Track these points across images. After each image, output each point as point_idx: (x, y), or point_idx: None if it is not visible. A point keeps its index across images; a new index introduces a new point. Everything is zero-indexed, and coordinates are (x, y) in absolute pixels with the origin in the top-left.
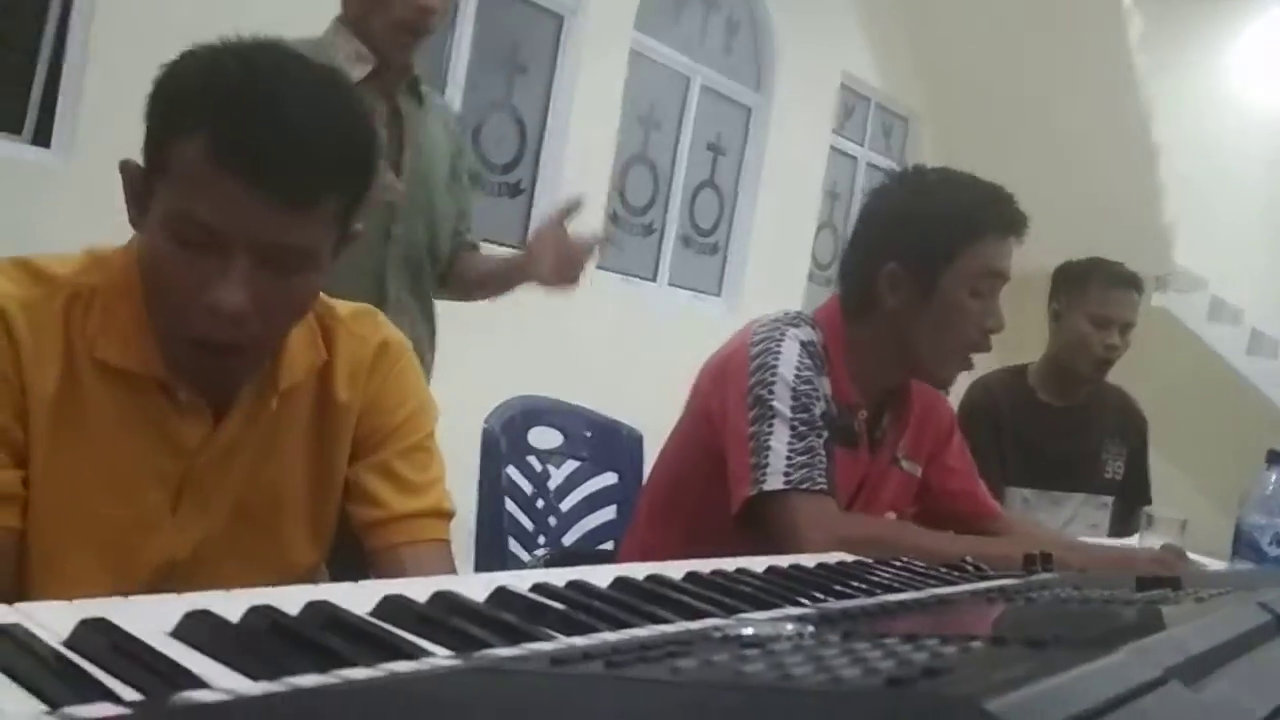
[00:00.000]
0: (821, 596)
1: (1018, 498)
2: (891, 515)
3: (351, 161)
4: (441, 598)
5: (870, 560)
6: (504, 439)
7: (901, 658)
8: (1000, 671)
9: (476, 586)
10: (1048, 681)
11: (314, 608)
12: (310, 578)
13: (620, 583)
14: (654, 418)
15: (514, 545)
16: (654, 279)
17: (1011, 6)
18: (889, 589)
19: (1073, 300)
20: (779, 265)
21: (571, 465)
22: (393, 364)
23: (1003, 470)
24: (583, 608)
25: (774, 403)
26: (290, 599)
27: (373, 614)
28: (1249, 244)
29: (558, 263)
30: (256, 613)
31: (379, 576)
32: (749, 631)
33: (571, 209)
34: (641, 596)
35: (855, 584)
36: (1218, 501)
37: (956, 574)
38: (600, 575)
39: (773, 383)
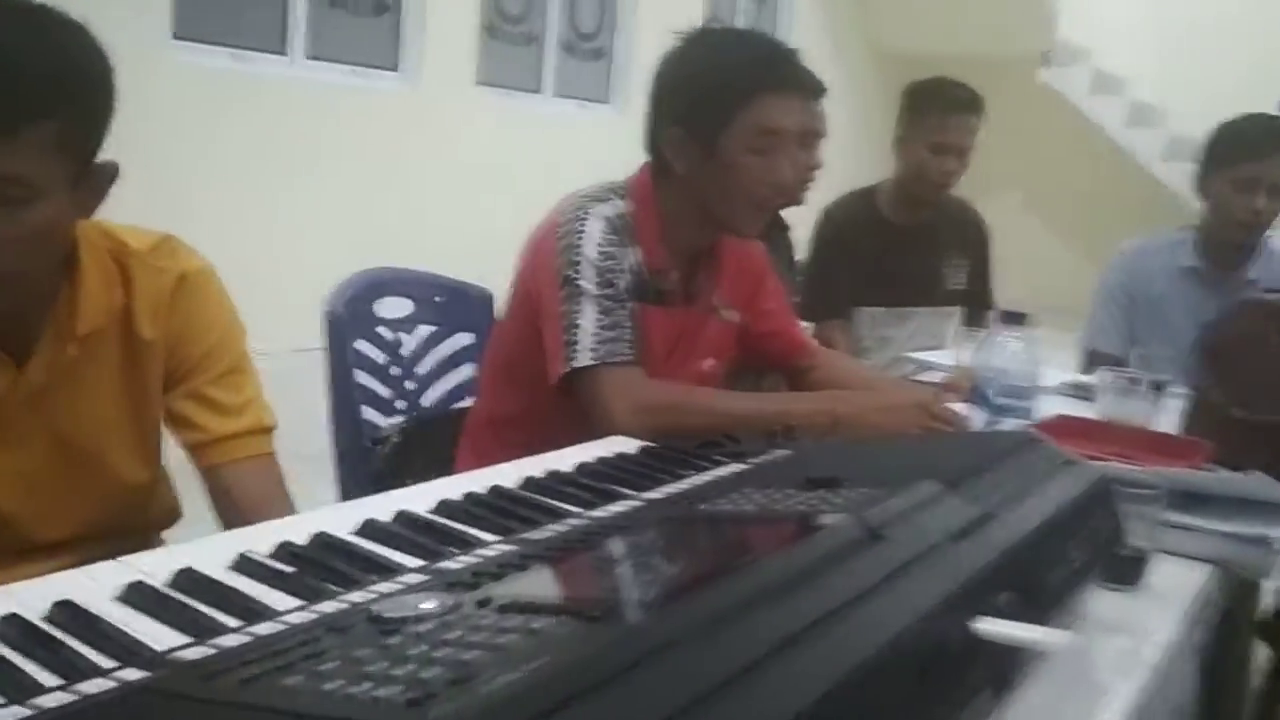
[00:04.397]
0: (535, 520)
1: (867, 316)
2: (711, 362)
3: (63, 87)
4: (185, 575)
5: (631, 455)
6: (348, 314)
7: (460, 658)
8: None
9: (219, 553)
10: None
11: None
12: (147, 495)
13: (366, 526)
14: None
15: (371, 414)
16: (538, 90)
17: None
18: (607, 496)
19: (912, 126)
20: None
21: (426, 330)
22: (193, 294)
23: (853, 292)
24: (297, 577)
25: (580, 282)
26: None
27: (118, 599)
28: (1132, 12)
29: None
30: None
31: (211, 495)
32: (390, 614)
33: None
34: (352, 552)
35: (578, 502)
36: (1096, 265)
37: (693, 464)
38: (346, 519)
39: (578, 262)
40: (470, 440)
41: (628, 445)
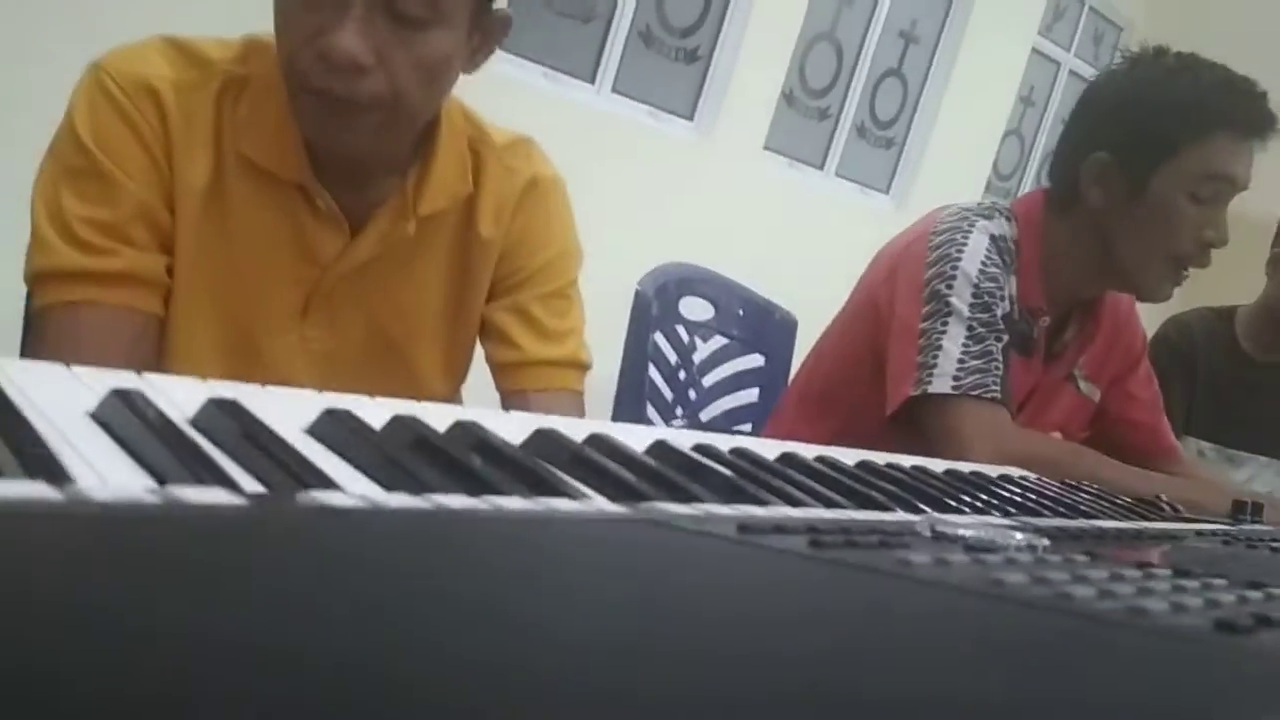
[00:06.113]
0: (1015, 510)
1: (1193, 448)
2: (1058, 436)
3: None
4: (598, 441)
5: (1054, 481)
6: (656, 303)
7: (1203, 595)
8: None
9: (632, 437)
10: None
11: (462, 428)
12: None
13: (788, 458)
14: (804, 307)
15: (650, 412)
16: (821, 167)
17: None
18: (1087, 514)
19: None
20: (957, 169)
21: (719, 341)
22: (540, 202)
23: (1186, 417)
24: (751, 478)
25: (952, 298)
26: (435, 416)
27: (523, 446)
28: None
29: None
30: (400, 423)
31: None
32: (970, 534)
33: None
34: (815, 477)
35: (1048, 502)
36: None
37: (1152, 512)
38: (766, 448)
39: (953, 277)
40: None
41: (1030, 474)
